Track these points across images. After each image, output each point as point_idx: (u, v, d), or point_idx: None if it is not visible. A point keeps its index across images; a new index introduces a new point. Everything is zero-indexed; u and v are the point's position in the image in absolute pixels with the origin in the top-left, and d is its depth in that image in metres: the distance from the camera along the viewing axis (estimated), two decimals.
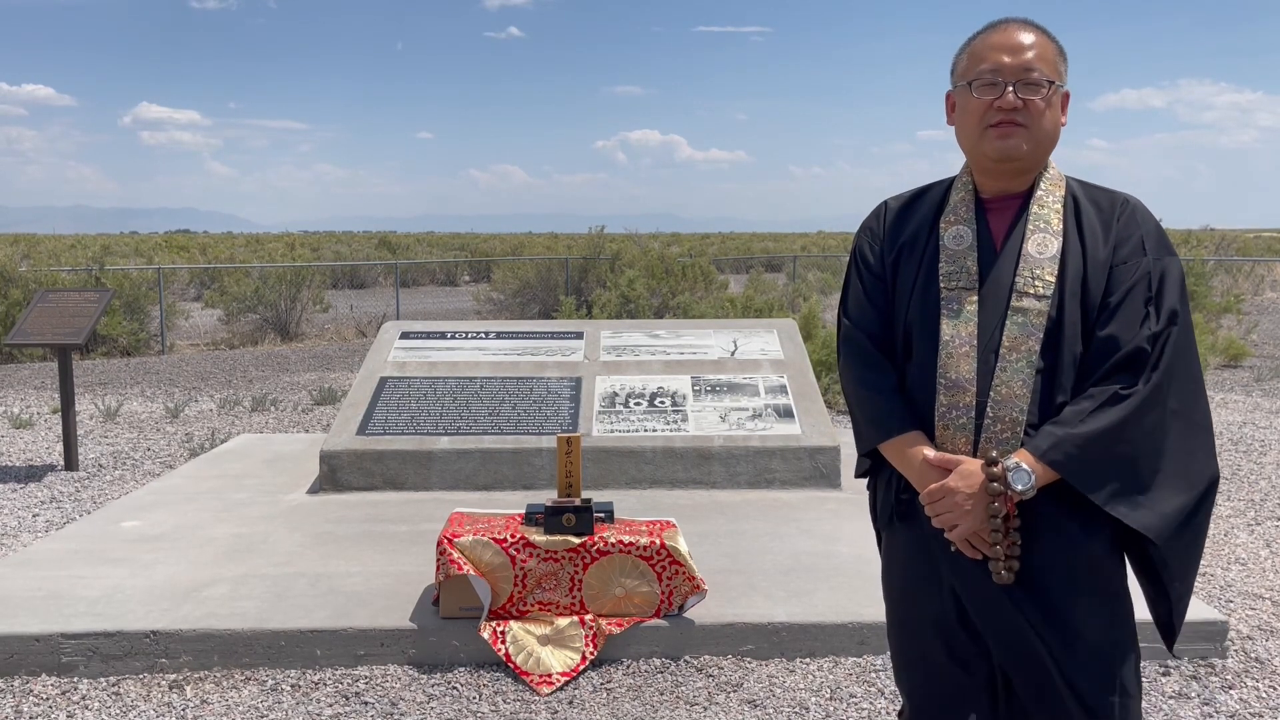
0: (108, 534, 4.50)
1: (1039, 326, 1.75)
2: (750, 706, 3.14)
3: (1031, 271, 1.78)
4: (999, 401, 1.76)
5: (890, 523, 1.96)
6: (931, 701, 1.93)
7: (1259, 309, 17.87)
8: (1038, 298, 1.76)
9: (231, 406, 8.91)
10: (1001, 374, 1.76)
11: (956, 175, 1.96)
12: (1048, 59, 1.80)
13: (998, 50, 1.80)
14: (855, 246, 2.02)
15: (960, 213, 1.88)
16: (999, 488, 1.70)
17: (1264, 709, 3.15)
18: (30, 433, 7.79)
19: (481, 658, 3.40)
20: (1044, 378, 1.76)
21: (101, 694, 3.23)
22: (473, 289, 23.39)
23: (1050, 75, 1.79)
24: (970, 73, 1.83)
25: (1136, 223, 1.79)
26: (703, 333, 6.49)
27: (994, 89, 1.79)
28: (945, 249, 1.87)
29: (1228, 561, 4.58)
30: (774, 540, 4.37)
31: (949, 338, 1.81)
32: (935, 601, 1.88)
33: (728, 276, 20.09)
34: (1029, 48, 1.79)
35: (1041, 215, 1.82)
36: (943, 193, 1.95)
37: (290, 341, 14.87)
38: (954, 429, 1.80)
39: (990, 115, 1.79)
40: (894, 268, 1.93)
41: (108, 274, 14.67)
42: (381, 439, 5.33)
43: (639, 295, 14.34)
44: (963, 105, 1.85)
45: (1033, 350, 1.75)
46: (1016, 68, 1.78)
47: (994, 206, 1.88)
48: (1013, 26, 1.82)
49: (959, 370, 1.79)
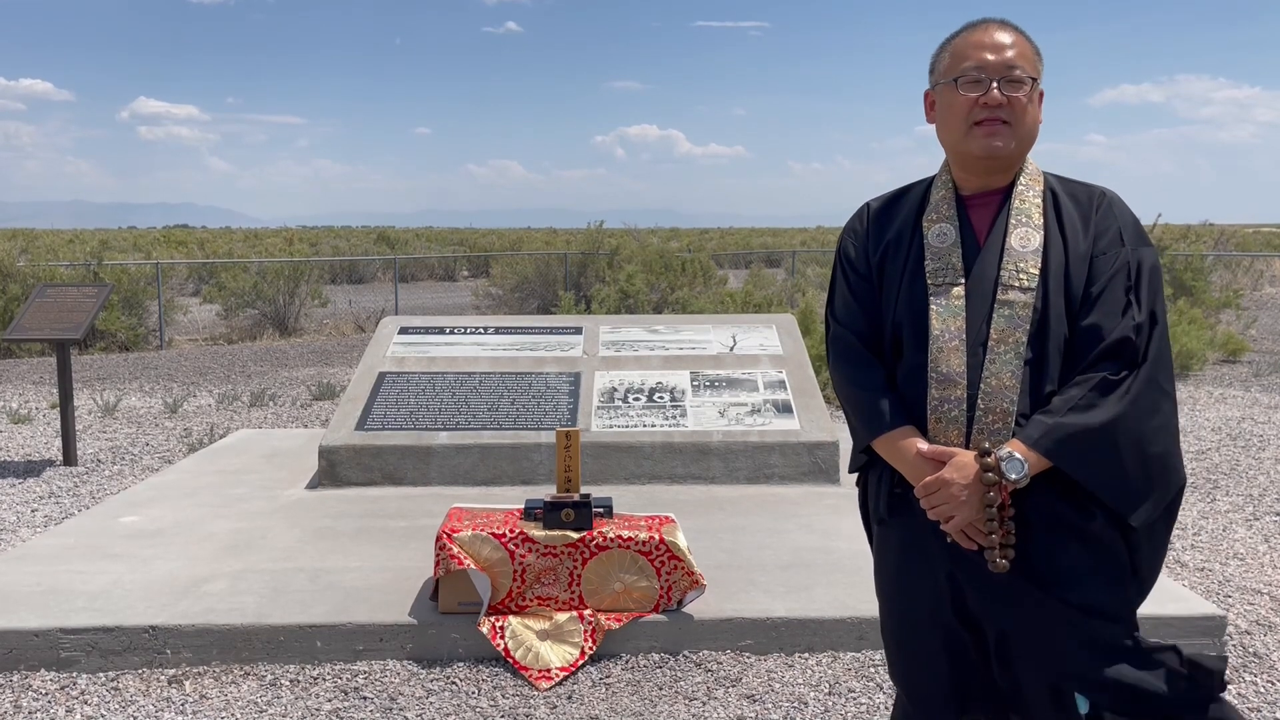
0: (106, 529, 4.50)
1: (1025, 319, 1.79)
2: (749, 701, 3.14)
3: (1015, 265, 1.82)
4: (989, 393, 1.80)
5: (883, 518, 1.98)
6: (927, 695, 1.95)
7: (1258, 304, 17.88)
8: (1022, 290, 1.80)
9: (230, 402, 8.90)
10: (990, 366, 1.80)
11: (936, 174, 1.99)
12: (1028, 57, 1.85)
13: (980, 49, 1.84)
14: (840, 249, 2.05)
15: (942, 210, 1.92)
16: (994, 477, 1.73)
17: (1262, 704, 3.16)
18: (29, 428, 7.79)
19: (480, 653, 3.41)
20: (1031, 368, 1.80)
21: (100, 689, 3.23)
22: (471, 284, 23.39)
23: (1030, 73, 1.84)
24: (954, 70, 1.86)
25: (1114, 215, 1.85)
26: (701, 328, 6.49)
27: (979, 86, 1.82)
28: (930, 246, 1.90)
29: (1226, 557, 4.58)
30: (773, 535, 4.37)
31: (939, 332, 1.84)
32: (930, 594, 1.90)
33: (726, 272, 20.09)
34: (1010, 46, 1.84)
35: (1023, 210, 1.86)
36: (923, 191, 1.99)
37: (289, 337, 14.86)
38: (946, 422, 1.83)
39: (976, 113, 1.83)
40: (879, 268, 1.96)
41: (106, 269, 14.66)
42: (380, 434, 5.33)
43: (638, 290, 14.33)
44: (946, 103, 1.88)
45: (1020, 342, 1.79)
46: (1000, 65, 1.82)
47: (975, 203, 1.92)
48: (992, 26, 1.87)
49: (949, 364, 1.82)
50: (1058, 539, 1.78)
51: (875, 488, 1.99)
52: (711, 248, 28.26)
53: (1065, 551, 1.78)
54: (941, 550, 1.85)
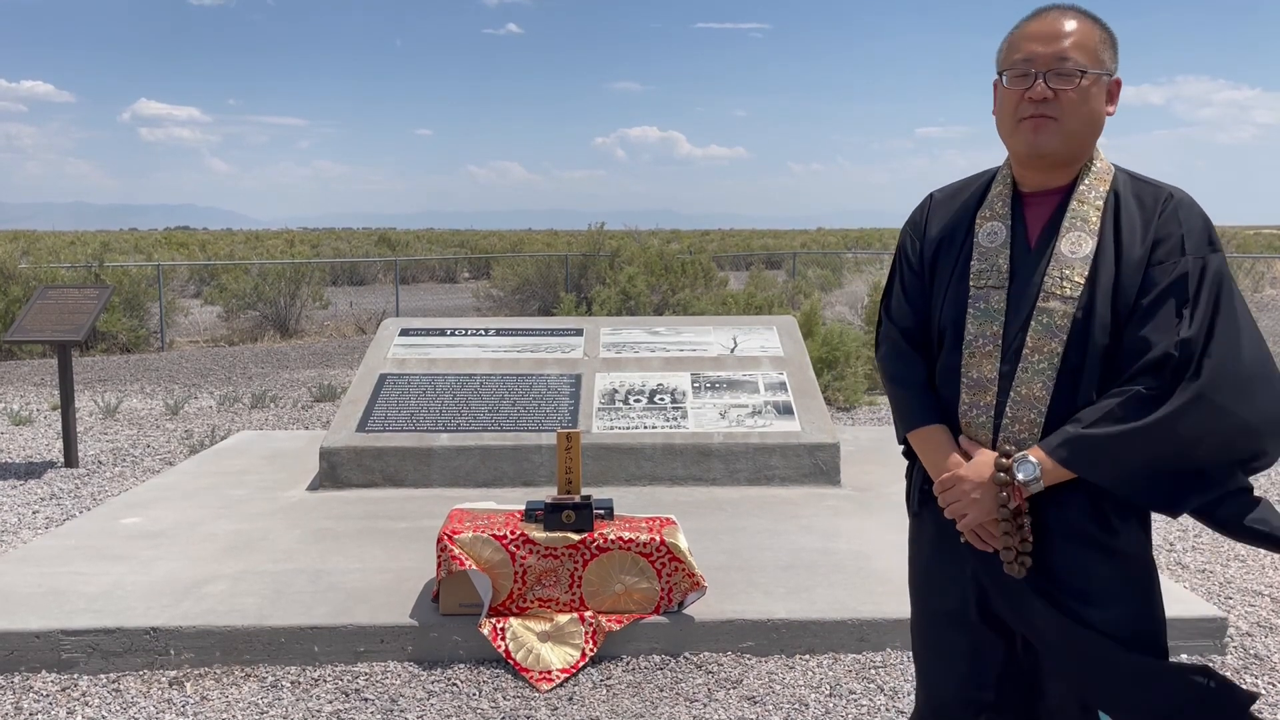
0: (107, 530, 4.50)
1: (1063, 329, 1.73)
2: (750, 703, 3.14)
3: (1061, 272, 1.75)
4: (1018, 402, 1.76)
5: (916, 511, 1.99)
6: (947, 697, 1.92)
7: (1259, 306, 17.87)
8: (1064, 299, 1.73)
9: (231, 403, 8.91)
10: (1022, 374, 1.76)
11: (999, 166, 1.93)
12: (1086, 47, 1.75)
13: (1032, 40, 1.77)
14: (900, 242, 2.01)
15: (996, 208, 1.86)
16: (1005, 478, 1.72)
17: (1263, 705, 3.16)
18: (30, 429, 7.79)
19: (481, 654, 3.41)
20: (1067, 379, 1.73)
21: (102, 690, 3.23)
22: (472, 286, 23.39)
23: (1087, 64, 1.74)
24: (1006, 62, 1.80)
25: (1178, 220, 1.73)
26: (702, 329, 6.49)
27: (1025, 80, 1.76)
28: (979, 246, 1.85)
29: (1227, 558, 4.58)
30: (773, 537, 4.37)
31: (972, 337, 1.81)
32: (957, 591, 1.89)
33: (727, 273, 20.08)
34: (1066, 35, 1.74)
35: (1080, 212, 1.78)
36: (985, 185, 1.92)
37: (290, 338, 14.87)
38: (975, 427, 1.81)
39: (1023, 108, 1.76)
40: (932, 264, 1.92)
41: (107, 270, 14.66)
42: (381, 435, 5.33)
43: (639, 292, 14.34)
44: (999, 96, 1.83)
45: (1055, 352, 1.73)
46: (1049, 57, 1.74)
47: (1033, 201, 1.85)
48: (1053, 14, 1.78)
49: (981, 370, 1.80)
50: (1081, 554, 1.74)
51: (912, 480, 2.00)
52: (712, 249, 28.26)
53: (1088, 568, 1.73)
54: (967, 547, 1.84)
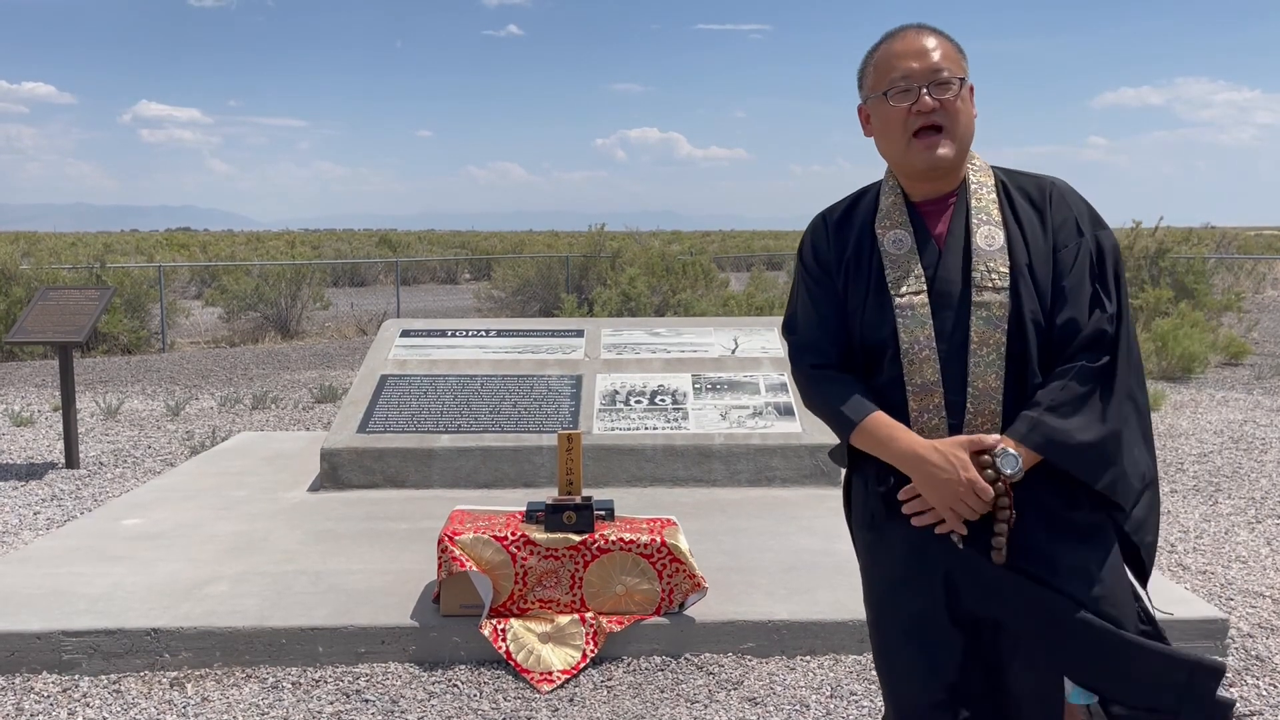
0: (108, 531, 4.50)
1: (1002, 319, 1.80)
2: (751, 704, 3.14)
3: (985, 265, 1.82)
4: (977, 396, 1.81)
5: (873, 523, 1.94)
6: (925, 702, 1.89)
7: (1259, 307, 17.87)
8: (996, 290, 1.81)
9: (232, 404, 8.91)
10: (975, 369, 1.80)
11: (882, 180, 1.97)
12: (952, 58, 1.85)
13: (904, 57, 1.84)
14: (802, 265, 2.00)
15: (895, 217, 1.91)
16: (992, 474, 1.76)
17: (1264, 706, 3.15)
18: (31, 430, 7.80)
19: (482, 655, 3.41)
20: (1013, 366, 1.80)
21: (102, 691, 3.23)
22: (473, 287, 23.39)
23: (957, 73, 1.84)
24: (882, 83, 1.86)
25: (1067, 205, 1.86)
26: (703, 330, 6.49)
27: (909, 94, 1.83)
28: (887, 254, 1.89)
29: (1228, 560, 4.58)
30: (774, 538, 4.37)
31: (908, 345, 1.83)
32: (924, 596, 1.87)
33: (728, 274, 20.09)
34: (932, 50, 1.84)
35: (981, 207, 1.87)
36: (875, 198, 1.97)
37: (291, 339, 14.88)
38: (929, 430, 1.84)
39: (911, 122, 1.83)
40: (843, 282, 1.93)
41: (108, 272, 14.68)
42: (382, 436, 5.33)
43: (640, 293, 14.35)
44: (881, 116, 1.88)
45: (1000, 343, 1.80)
46: (926, 71, 1.82)
47: (926, 208, 1.91)
48: (911, 33, 1.87)
49: (923, 374, 1.83)
50: (1051, 530, 1.80)
51: (862, 493, 1.96)
52: (713, 250, 28.27)
53: (1059, 543, 1.80)
54: (940, 551, 1.83)
